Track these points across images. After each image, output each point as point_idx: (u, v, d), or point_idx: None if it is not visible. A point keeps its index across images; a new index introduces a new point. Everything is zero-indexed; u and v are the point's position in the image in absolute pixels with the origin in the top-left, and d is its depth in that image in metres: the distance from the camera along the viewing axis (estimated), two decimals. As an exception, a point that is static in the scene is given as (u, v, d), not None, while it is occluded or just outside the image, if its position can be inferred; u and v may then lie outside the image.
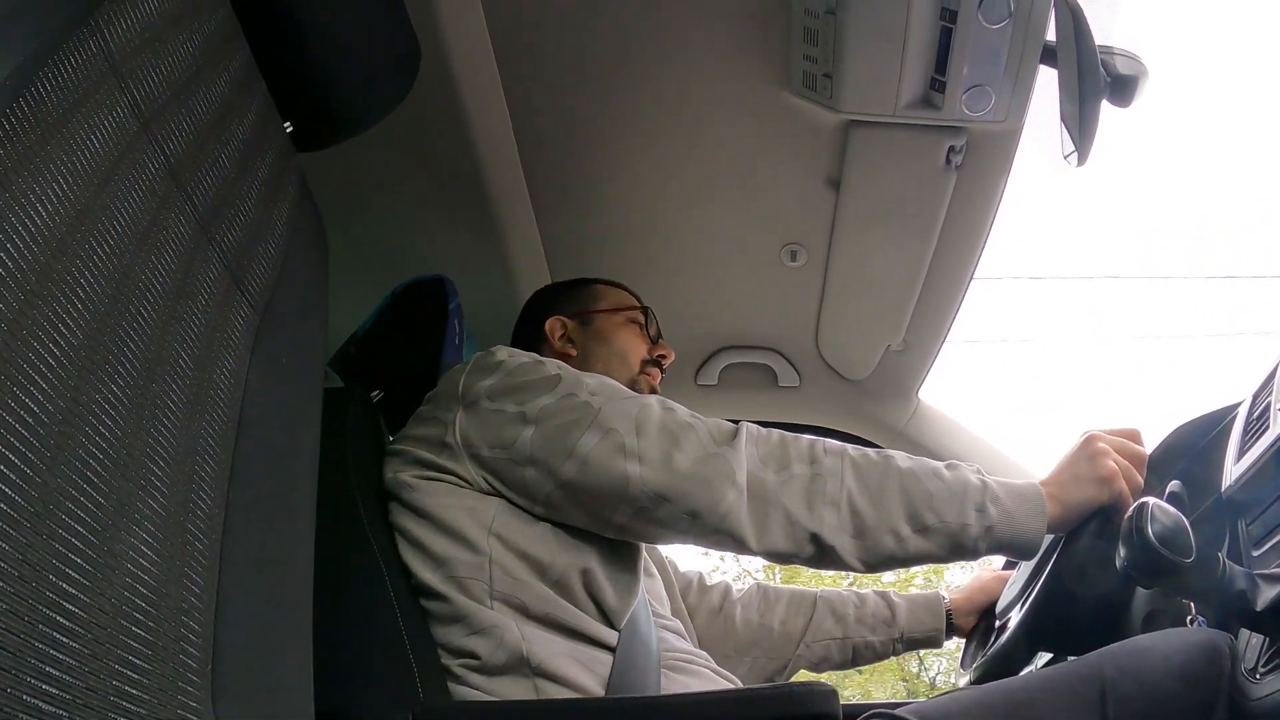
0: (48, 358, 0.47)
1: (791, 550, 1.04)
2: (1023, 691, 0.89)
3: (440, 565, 1.05)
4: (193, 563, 0.57)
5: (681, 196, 1.56)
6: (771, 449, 1.06)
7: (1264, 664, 0.82)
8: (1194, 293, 6.53)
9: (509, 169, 1.48)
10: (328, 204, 0.97)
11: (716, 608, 1.49)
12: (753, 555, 1.06)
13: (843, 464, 1.05)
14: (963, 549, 1.05)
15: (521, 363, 1.14)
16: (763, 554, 1.05)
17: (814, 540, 1.03)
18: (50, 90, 0.50)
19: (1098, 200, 7.15)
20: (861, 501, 1.03)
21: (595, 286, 1.46)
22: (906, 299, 1.66)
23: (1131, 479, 1.06)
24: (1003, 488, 1.06)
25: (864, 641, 1.46)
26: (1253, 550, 0.94)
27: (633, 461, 1.02)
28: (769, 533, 1.03)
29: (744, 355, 1.92)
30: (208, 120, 0.70)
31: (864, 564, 1.05)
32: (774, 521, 1.02)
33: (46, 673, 0.42)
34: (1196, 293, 6.47)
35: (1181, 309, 6.79)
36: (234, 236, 0.73)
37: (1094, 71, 1.08)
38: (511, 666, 1.01)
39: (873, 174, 1.42)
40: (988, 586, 1.47)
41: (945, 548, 1.04)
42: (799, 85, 1.31)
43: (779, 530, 1.02)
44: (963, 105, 1.23)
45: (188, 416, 0.60)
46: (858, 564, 1.04)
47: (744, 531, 1.02)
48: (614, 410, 1.06)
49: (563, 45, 1.32)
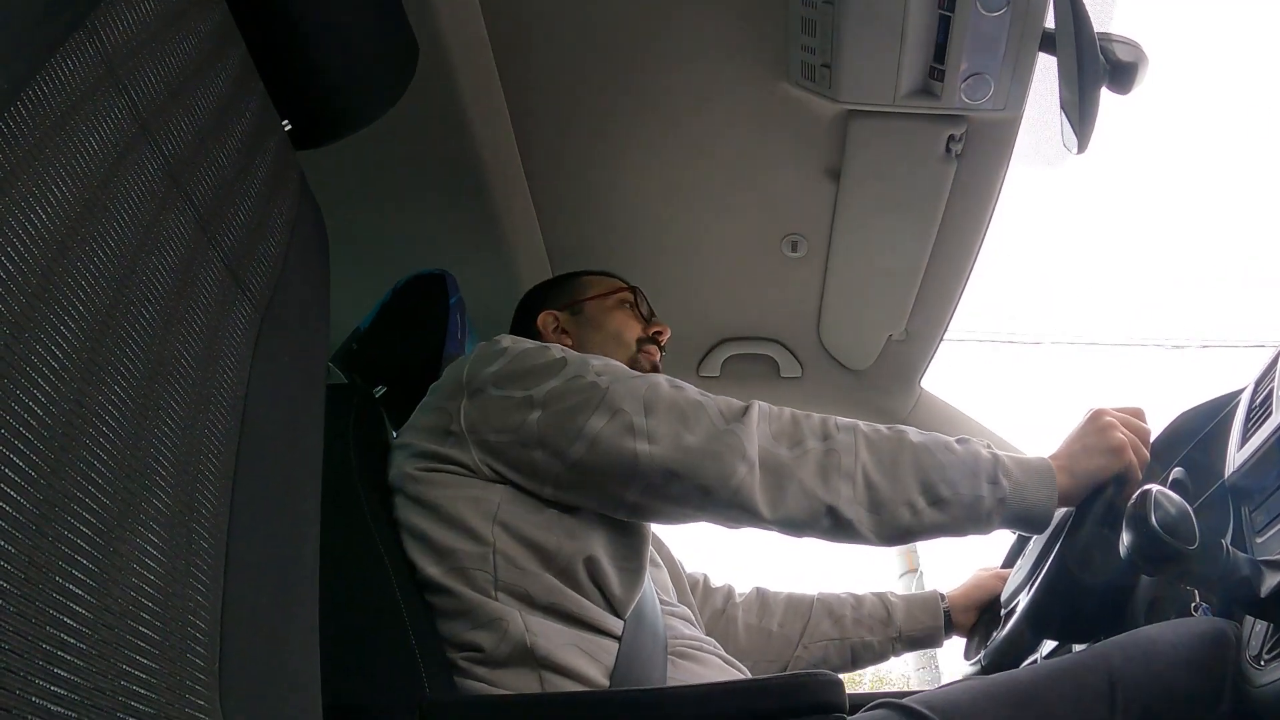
0: (50, 360, 0.47)
1: (807, 521, 1.04)
2: (1030, 681, 0.89)
3: (444, 558, 1.05)
4: (198, 562, 0.58)
5: (681, 189, 1.56)
6: (784, 425, 1.06)
7: (1268, 650, 0.82)
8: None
9: (508, 163, 1.48)
10: (328, 201, 0.97)
11: (720, 609, 1.49)
12: (767, 528, 1.05)
13: (856, 439, 1.06)
14: (977, 521, 1.05)
15: (526, 349, 1.14)
16: (777, 525, 1.04)
17: (830, 513, 1.02)
18: (48, 93, 0.50)
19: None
20: (876, 475, 1.03)
21: (583, 277, 1.46)
22: (908, 288, 1.66)
23: (1139, 452, 1.07)
24: (1013, 461, 1.06)
25: (862, 642, 1.47)
26: (1256, 537, 0.94)
27: (642, 440, 1.02)
28: (784, 504, 1.02)
29: (746, 346, 1.92)
30: (206, 120, 0.70)
31: (880, 537, 1.05)
32: (789, 493, 1.02)
33: (54, 674, 0.43)
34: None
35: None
36: (234, 236, 0.73)
37: (1093, 58, 1.07)
38: (516, 658, 1.01)
39: (873, 164, 1.41)
40: (985, 584, 1.47)
41: (960, 520, 1.04)
42: (798, 76, 1.30)
43: (794, 501, 1.02)
44: (962, 94, 1.23)
45: (191, 416, 0.60)
46: (873, 537, 1.04)
47: (757, 504, 1.02)
48: (622, 390, 1.06)
49: (561, 39, 1.31)
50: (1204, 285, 6.17)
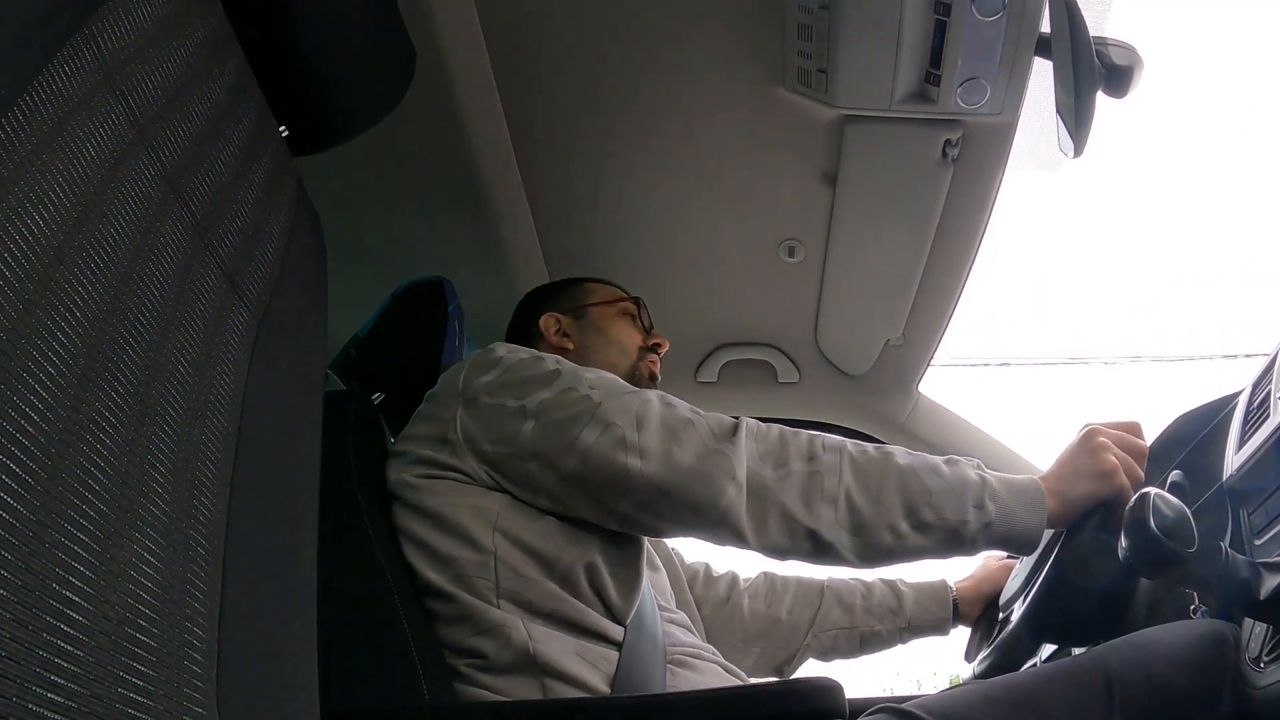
0: (47, 366, 0.47)
1: (789, 547, 1.04)
2: (1029, 685, 0.89)
3: (446, 565, 1.05)
4: (196, 569, 0.57)
5: (678, 195, 1.56)
6: (770, 445, 1.06)
7: (1268, 653, 0.82)
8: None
9: (505, 169, 1.48)
10: (325, 207, 0.97)
11: (724, 598, 1.49)
12: (752, 551, 1.06)
13: (841, 460, 1.05)
14: (960, 544, 1.05)
15: (520, 358, 1.14)
16: (762, 550, 1.06)
17: (811, 537, 1.03)
18: (45, 98, 0.50)
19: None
20: (859, 498, 1.03)
21: (586, 283, 1.47)
22: (905, 293, 1.66)
23: (1132, 473, 1.06)
24: (1002, 483, 1.06)
25: (871, 631, 1.47)
26: (1255, 539, 0.94)
27: (633, 456, 1.02)
28: (767, 530, 1.03)
29: (743, 352, 1.92)
30: (203, 126, 0.70)
31: (861, 559, 1.05)
32: (771, 519, 1.03)
33: (51, 681, 0.42)
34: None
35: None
36: (231, 242, 0.72)
37: (1089, 62, 1.08)
38: (518, 665, 1.01)
39: (869, 168, 1.42)
40: (994, 575, 1.47)
41: (943, 544, 1.05)
42: (794, 81, 1.30)
43: (776, 528, 1.03)
44: (958, 98, 1.23)
45: (188, 423, 0.60)
46: (855, 559, 1.05)
47: (743, 528, 1.02)
48: (614, 405, 1.06)
49: (558, 46, 1.32)
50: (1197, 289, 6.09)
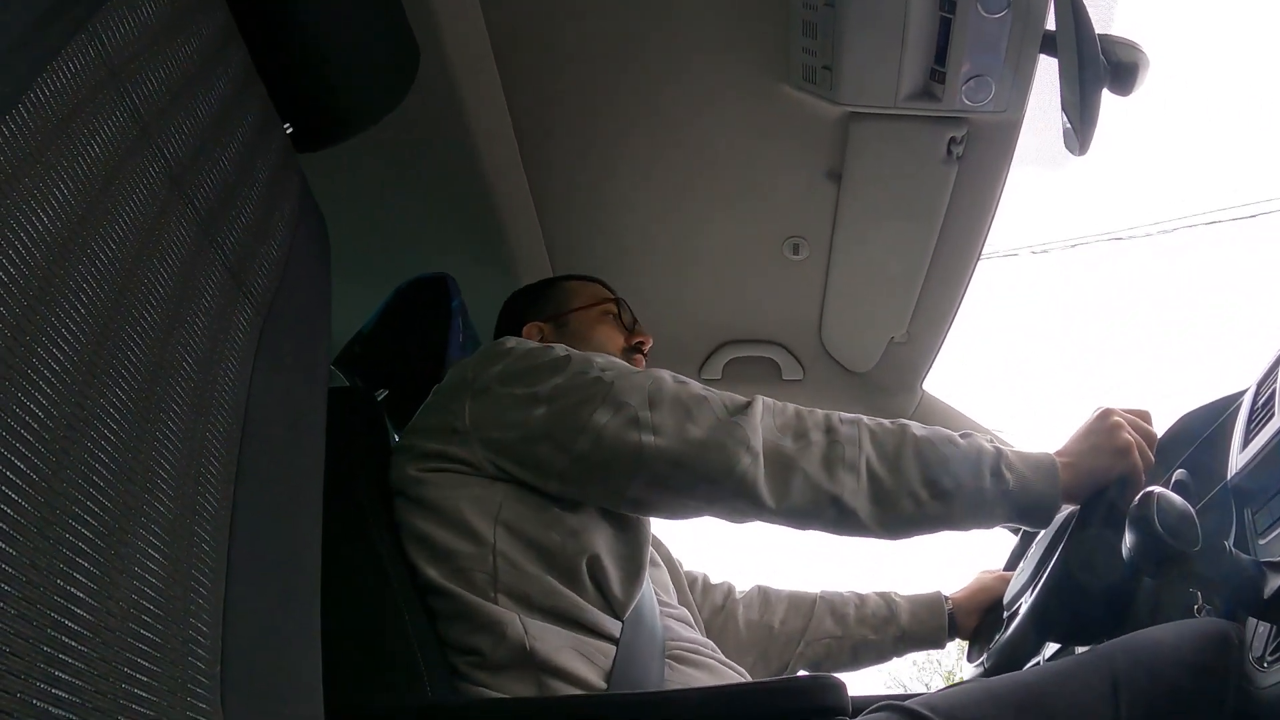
0: (51, 363, 0.47)
1: (812, 512, 1.04)
2: (1034, 683, 0.89)
3: (445, 560, 1.05)
4: (200, 565, 0.57)
5: (683, 192, 1.56)
6: (788, 419, 1.07)
7: (1271, 652, 0.82)
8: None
9: (509, 166, 1.48)
10: (329, 204, 0.97)
11: (719, 606, 1.49)
12: (772, 519, 1.05)
13: (859, 431, 1.06)
14: (980, 513, 1.05)
15: (530, 348, 1.15)
16: (782, 516, 1.05)
17: (835, 503, 1.03)
18: (49, 95, 0.50)
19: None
20: (880, 467, 1.04)
21: (567, 285, 1.45)
22: (910, 290, 1.66)
23: (1145, 455, 1.07)
24: (1017, 455, 1.07)
25: (864, 641, 1.46)
26: (1259, 539, 0.94)
27: (647, 433, 1.02)
28: (789, 494, 1.02)
29: (748, 349, 1.92)
30: (207, 123, 0.70)
31: (883, 528, 1.05)
32: (795, 484, 1.03)
33: (55, 677, 0.43)
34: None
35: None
36: (235, 238, 0.73)
37: (1094, 60, 1.07)
38: (515, 662, 1.01)
39: (874, 166, 1.41)
40: (989, 586, 1.47)
41: (963, 512, 1.05)
42: (798, 78, 1.30)
43: (800, 492, 1.03)
44: (963, 96, 1.23)
45: (192, 419, 0.60)
46: (877, 528, 1.05)
47: (762, 494, 1.02)
48: (626, 385, 1.06)
49: (562, 42, 1.31)
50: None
